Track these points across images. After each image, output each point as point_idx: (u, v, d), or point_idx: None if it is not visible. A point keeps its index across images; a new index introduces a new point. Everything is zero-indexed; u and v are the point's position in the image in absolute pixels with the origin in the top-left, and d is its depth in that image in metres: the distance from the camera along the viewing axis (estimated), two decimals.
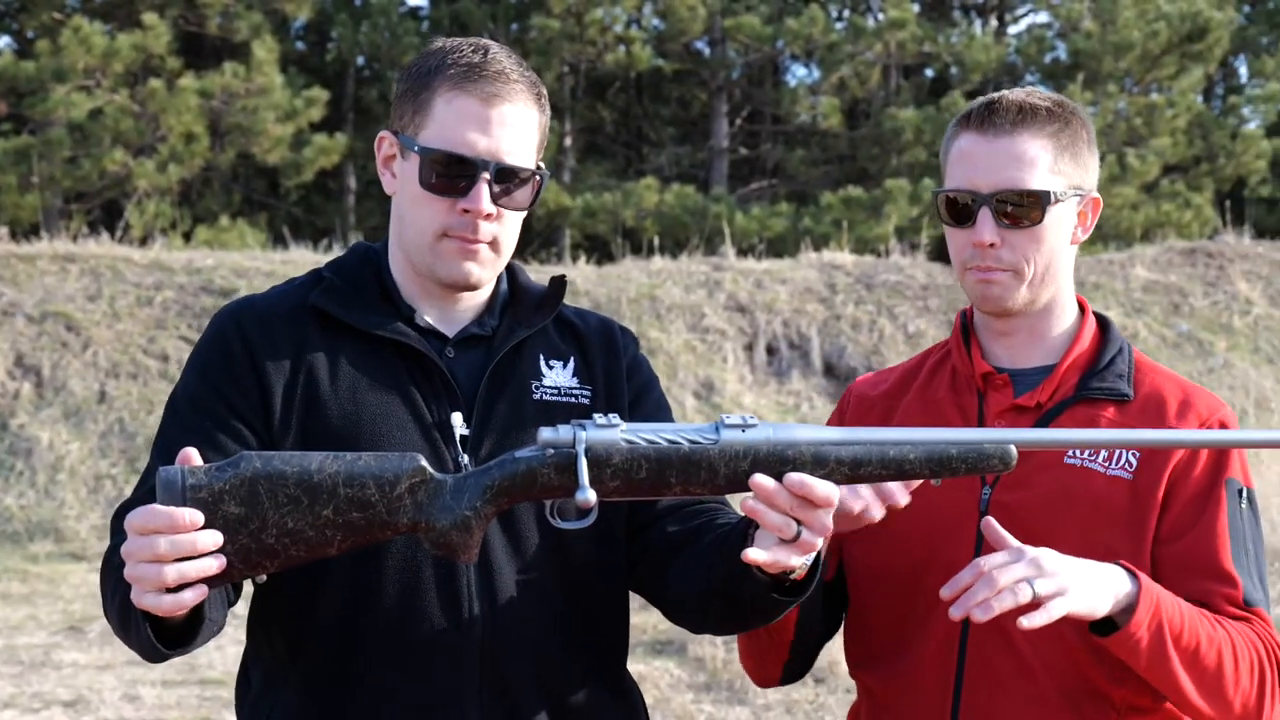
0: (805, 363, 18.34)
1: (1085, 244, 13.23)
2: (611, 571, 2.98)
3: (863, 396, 3.32)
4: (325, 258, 18.75)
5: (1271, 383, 19.12)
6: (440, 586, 2.82)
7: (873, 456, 2.63)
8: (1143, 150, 27.94)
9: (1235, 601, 2.99)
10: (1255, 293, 20.88)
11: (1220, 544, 3.00)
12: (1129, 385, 3.12)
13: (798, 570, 2.69)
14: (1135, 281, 20.69)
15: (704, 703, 9.11)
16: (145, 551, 2.42)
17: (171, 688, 9.54)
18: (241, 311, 2.92)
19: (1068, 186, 3.08)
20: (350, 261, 3.01)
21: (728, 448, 2.58)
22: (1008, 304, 3.09)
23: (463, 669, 2.82)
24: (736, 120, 31.83)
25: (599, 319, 3.14)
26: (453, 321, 2.97)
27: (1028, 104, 3.07)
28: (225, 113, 25.30)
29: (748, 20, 28.10)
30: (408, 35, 27.81)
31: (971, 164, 3.08)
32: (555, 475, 2.57)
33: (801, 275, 19.64)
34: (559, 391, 2.97)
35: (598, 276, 19.19)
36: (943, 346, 3.32)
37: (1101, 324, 3.23)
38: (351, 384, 2.86)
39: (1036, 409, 3.10)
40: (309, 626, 2.83)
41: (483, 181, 2.83)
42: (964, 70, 28.94)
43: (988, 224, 3.04)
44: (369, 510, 2.53)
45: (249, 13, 26.43)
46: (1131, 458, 3.04)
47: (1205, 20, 28.27)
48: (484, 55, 2.89)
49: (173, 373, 16.28)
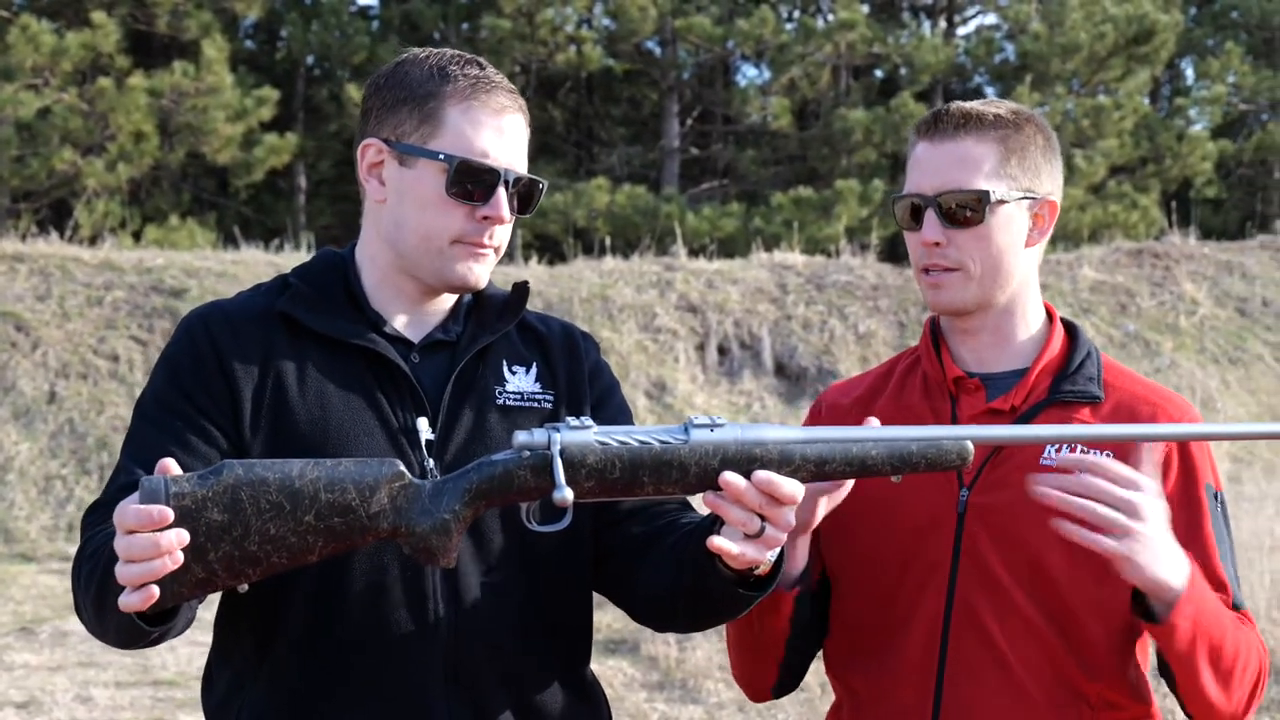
0: (756, 363, 18.41)
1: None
2: (576, 572, 3.03)
3: (835, 405, 3.36)
4: (276, 258, 18.74)
5: (1217, 382, 19.28)
6: (407, 587, 2.86)
7: (836, 454, 2.69)
8: (1090, 151, 28.13)
9: (1229, 606, 3.05)
10: (1201, 293, 21.05)
11: (1211, 551, 3.07)
12: (1100, 388, 3.17)
13: (762, 566, 2.75)
14: (1083, 282, 20.83)
15: (657, 701, 9.15)
16: (125, 550, 2.46)
17: (124, 689, 9.54)
18: (210, 316, 2.95)
19: (1015, 189, 3.13)
20: (317, 268, 3.05)
21: (698, 447, 2.64)
22: (957, 304, 3.15)
23: (429, 668, 2.86)
24: (687, 120, 31.89)
25: (561, 324, 3.19)
26: (418, 327, 3.01)
27: (974, 111, 3.15)
28: (175, 112, 25.25)
29: (698, 21, 28.19)
30: (358, 35, 27.79)
31: (920, 169, 3.17)
32: (531, 477, 2.62)
33: (753, 275, 19.71)
34: (522, 396, 3.02)
35: (549, 277, 19.22)
36: (912, 353, 3.37)
37: (1069, 329, 3.28)
38: (319, 389, 2.90)
39: (1011, 412, 3.15)
40: (277, 627, 2.86)
41: (502, 189, 2.92)
42: (913, 71, 29.08)
43: (933, 224, 3.12)
44: (350, 515, 2.56)
45: (199, 11, 26.38)
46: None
47: (1151, 23, 28.48)
48: (481, 68, 2.98)
49: (123, 372, 16.24)
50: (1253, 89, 32.24)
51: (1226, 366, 19.86)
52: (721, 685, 9.26)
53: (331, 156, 30.28)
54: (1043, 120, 3.23)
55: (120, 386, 16.11)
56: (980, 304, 3.16)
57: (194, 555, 2.49)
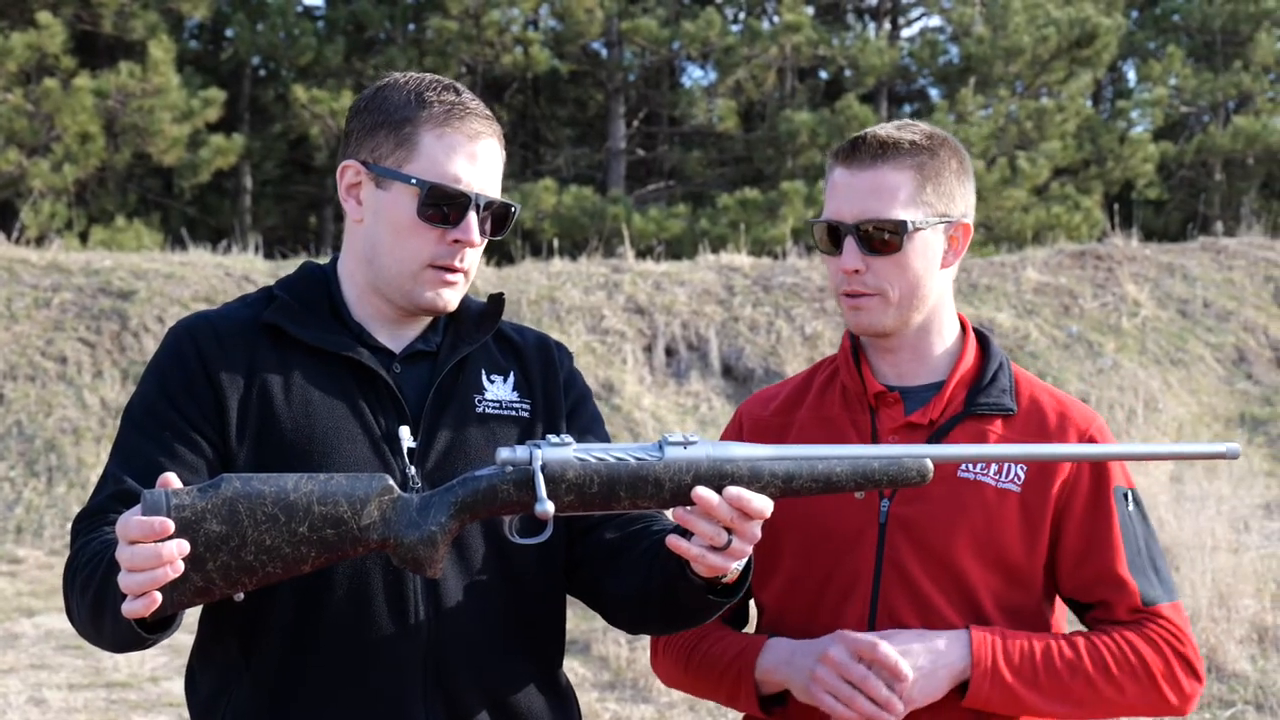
0: (704, 364, 18.49)
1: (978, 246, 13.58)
2: (551, 578, 3.13)
3: (756, 418, 3.48)
4: (224, 259, 18.72)
5: (1159, 383, 19.44)
6: (388, 592, 2.96)
7: (803, 471, 2.82)
8: (1033, 153, 28.30)
9: (1134, 606, 3.23)
10: (1143, 295, 21.22)
11: (1115, 555, 3.23)
12: (1012, 399, 3.32)
13: (730, 573, 2.85)
14: (1026, 284, 20.97)
15: (609, 701, 9.22)
16: (128, 560, 2.55)
17: (77, 690, 9.56)
18: (197, 327, 3.04)
19: (930, 215, 3.26)
20: (300, 281, 3.14)
21: (672, 463, 2.76)
22: (877, 327, 3.29)
23: (409, 671, 2.96)
24: (633, 122, 31.95)
25: (536, 335, 3.29)
26: (400, 339, 3.11)
27: (890, 139, 3.26)
28: (121, 112, 25.16)
29: (645, 23, 28.25)
30: (304, 36, 27.73)
31: (838, 196, 3.30)
32: (514, 491, 2.74)
33: (700, 277, 19.79)
34: (500, 405, 3.12)
35: (497, 278, 19.25)
36: (829, 363, 3.49)
37: (981, 341, 3.42)
38: (304, 398, 2.99)
39: (929, 426, 3.28)
40: (262, 630, 2.94)
41: (473, 213, 3.01)
42: (858, 73, 29.21)
43: (852, 251, 3.25)
44: (341, 527, 2.68)
45: (144, 12, 26.28)
46: (1020, 471, 3.24)
47: (1094, 26, 28.68)
48: (458, 94, 3.05)
49: (71, 374, 16.21)
50: (1194, 92, 32.49)
51: (1168, 367, 20.04)
52: None
53: (277, 157, 30.22)
54: (956, 143, 3.35)
55: (68, 388, 16.08)
56: (898, 325, 3.30)
57: (193, 565, 2.59)
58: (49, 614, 11.51)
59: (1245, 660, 9.41)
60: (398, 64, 27.43)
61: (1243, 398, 19.99)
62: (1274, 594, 10.71)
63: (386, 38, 29.46)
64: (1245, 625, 9.96)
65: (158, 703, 9.36)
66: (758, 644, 3.30)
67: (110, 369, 16.35)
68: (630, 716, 8.95)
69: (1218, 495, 13.47)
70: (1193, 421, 18.79)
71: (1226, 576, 10.53)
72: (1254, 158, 33.07)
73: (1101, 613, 3.25)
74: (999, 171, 27.54)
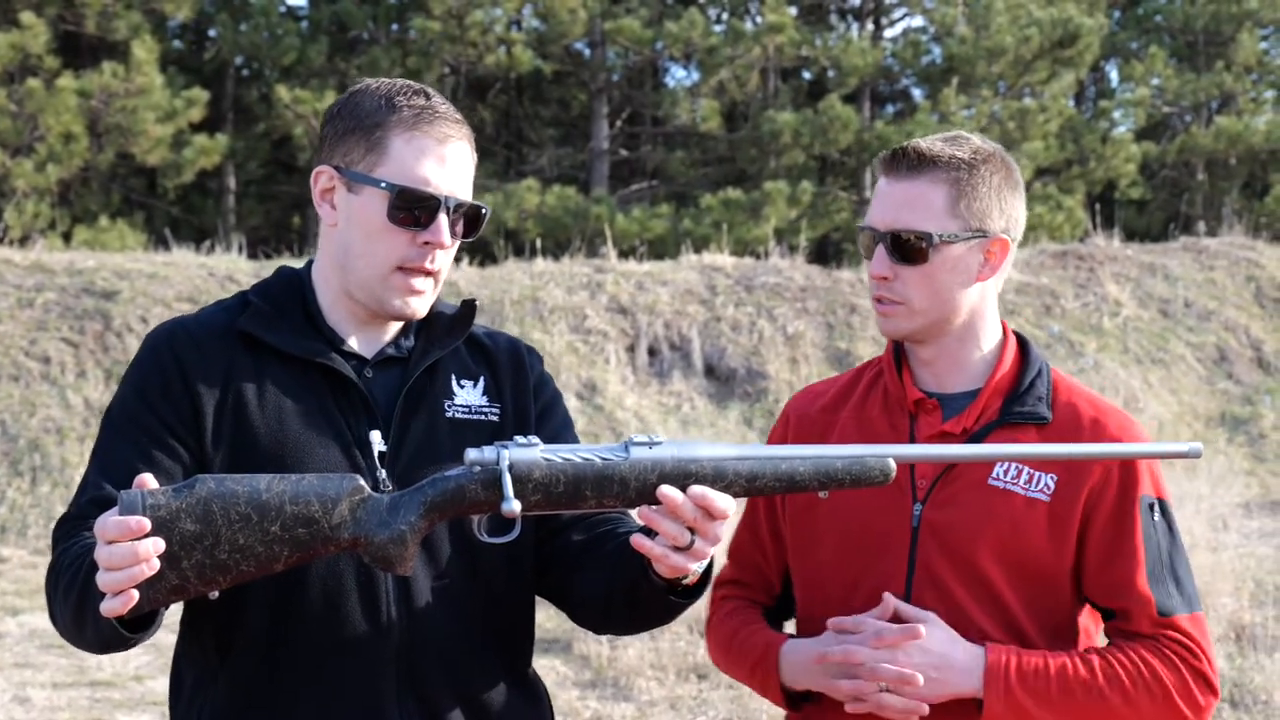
0: (686, 364, 18.53)
1: None
2: (520, 578, 3.18)
3: (803, 414, 3.53)
4: (208, 259, 18.73)
5: (1140, 383, 19.52)
6: (361, 592, 3.01)
7: (766, 470, 2.87)
8: (1015, 153, 28.31)
9: (1151, 618, 3.24)
10: (1124, 294, 21.30)
11: (1136, 566, 3.25)
12: (1048, 408, 3.34)
13: (691, 575, 2.90)
14: (1008, 283, 21.03)
15: (589, 699, 9.26)
16: (106, 559, 2.61)
17: (61, 689, 9.59)
18: (174, 332, 3.09)
19: (963, 229, 3.27)
20: (275, 287, 3.18)
21: (637, 463, 2.81)
22: (902, 333, 3.34)
23: (381, 669, 3.01)
24: (617, 122, 31.96)
25: (508, 340, 3.33)
26: (371, 344, 3.15)
27: (930, 152, 3.28)
28: (104, 112, 25.14)
29: (628, 23, 28.26)
30: (287, 36, 27.72)
31: (877, 203, 3.34)
32: (482, 490, 2.79)
33: (682, 277, 19.83)
34: (470, 409, 3.17)
35: (480, 278, 19.28)
36: (876, 364, 3.53)
37: (1022, 346, 3.44)
38: (277, 403, 3.04)
39: (963, 434, 3.32)
40: (237, 629, 2.99)
41: (443, 214, 3.05)
42: (841, 73, 29.24)
43: (881, 259, 3.30)
44: (313, 526, 2.73)
45: (128, 12, 26.26)
46: (1050, 481, 3.27)
47: (1076, 26, 28.72)
48: (428, 98, 3.09)
49: (54, 375, 16.22)
50: (1176, 92, 32.59)
51: (1149, 367, 20.12)
52: (653, 683, 9.39)
53: (261, 157, 30.21)
54: (1004, 158, 3.36)
55: (52, 389, 16.09)
56: (927, 334, 3.34)
57: (168, 563, 2.65)
58: (33, 613, 11.54)
59: (1222, 659, 9.47)
60: (381, 64, 27.44)
61: (1223, 397, 20.08)
62: (1252, 593, 10.77)
63: (370, 38, 29.47)
64: (1223, 624, 10.02)
65: (141, 701, 9.39)
66: (777, 645, 3.36)
67: (94, 369, 16.36)
68: (611, 715, 8.99)
69: (1196, 495, 13.54)
70: (1174, 421, 18.87)
71: (1205, 575, 10.58)
72: (1236, 158, 33.17)
73: (1121, 622, 3.28)
74: None
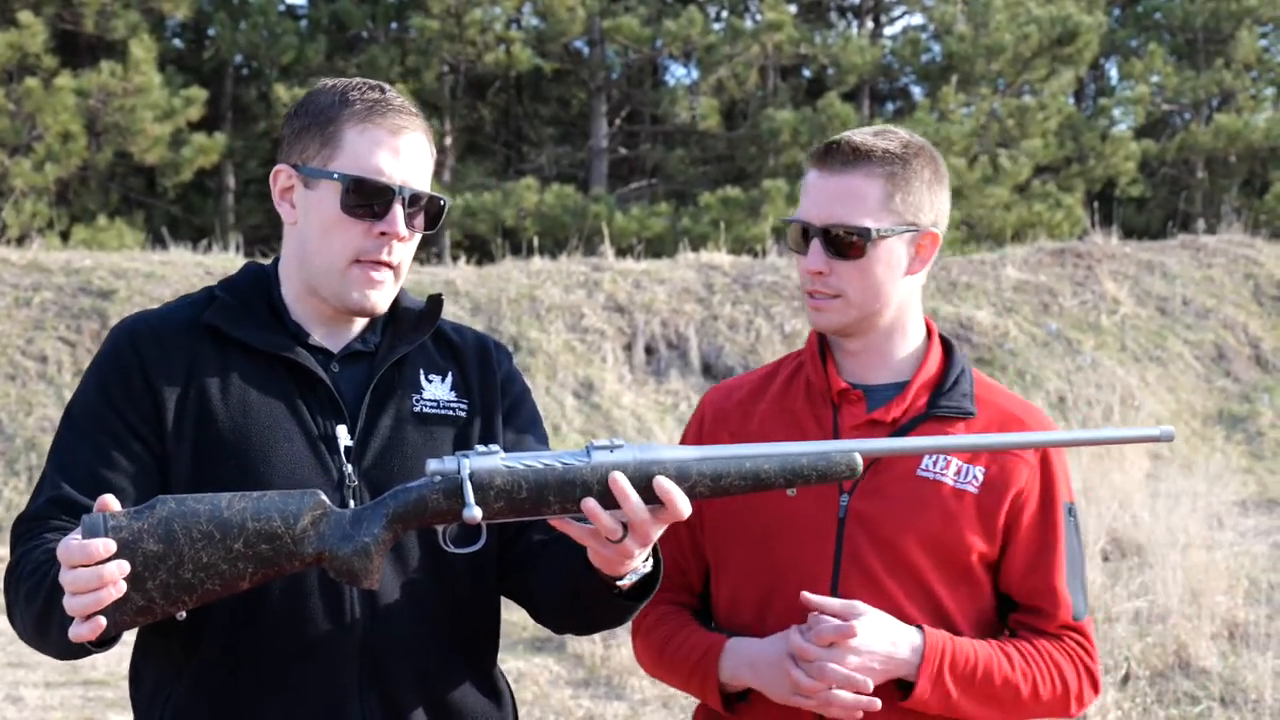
0: (684, 362, 18.52)
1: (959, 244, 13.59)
2: (483, 579, 3.18)
3: (719, 407, 3.53)
4: (205, 258, 18.72)
5: (1137, 380, 19.50)
6: (324, 591, 3.00)
7: (731, 469, 2.87)
8: (1014, 151, 28.35)
9: (1065, 621, 3.36)
10: (1122, 292, 21.28)
11: (1057, 571, 3.35)
12: (973, 404, 3.39)
13: (626, 578, 2.93)
14: (1006, 281, 21.02)
15: (582, 698, 9.25)
16: (71, 584, 2.62)
17: (54, 689, 9.58)
18: (137, 328, 3.08)
19: (897, 223, 3.32)
20: (241, 281, 3.18)
21: (599, 466, 2.80)
22: (836, 326, 3.37)
23: (345, 667, 3.00)
24: (616, 120, 31.94)
25: (475, 335, 3.33)
26: (338, 338, 3.15)
27: (863, 146, 3.32)
28: (102, 112, 25.14)
29: (626, 21, 28.26)
30: (286, 34, 27.72)
31: (810, 197, 3.36)
32: (444, 500, 2.80)
33: (680, 275, 19.81)
34: (438, 405, 3.16)
35: (478, 277, 19.26)
36: (795, 358, 3.56)
37: (946, 346, 3.49)
38: (241, 398, 3.03)
39: (891, 424, 3.35)
40: (200, 629, 2.98)
41: (398, 205, 3.04)
42: (840, 71, 29.24)
43: (817, 253, 3.32)
44: (276, 542, 2.73)
45: (126, 11, 26.26)
46: (978, 473, 3.32)
47: (1075, 24, 28.72)
48: (382, 92, 3.09)
49: (51, 374, 16.21)
50: (1175, 89, 32.57)
51: (1147, 365, 20.10)
52: (645, 682, 9.37)
53: (260, 156, 30.19)
54: (932, 151, 3.40)
55: (49, 388, 16.08)
56: (860, 327, 3.37)
57: (133, 584, 2.65)
58: None
59: (1215, 657, 9.46)
60: (380, 63, 27.45)
61: (1221, 395, 20.07)
62: (1246, 591, 10.75)
63: (369, 37, 29.46)
64: (1217, 622, 10.01)
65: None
66: (719, 645, 3.36)
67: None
68: (604, 714, 8.98)
69: (1193, 492, 13.52)
70: (1171, 419, 18.85)
71: (1199, 573, 10.57)
72: (1235, 155, 33.15)
73: (1033, 619, 3.36)
74: (980, 169, 27.60)
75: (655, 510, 2.80)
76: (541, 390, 17.24)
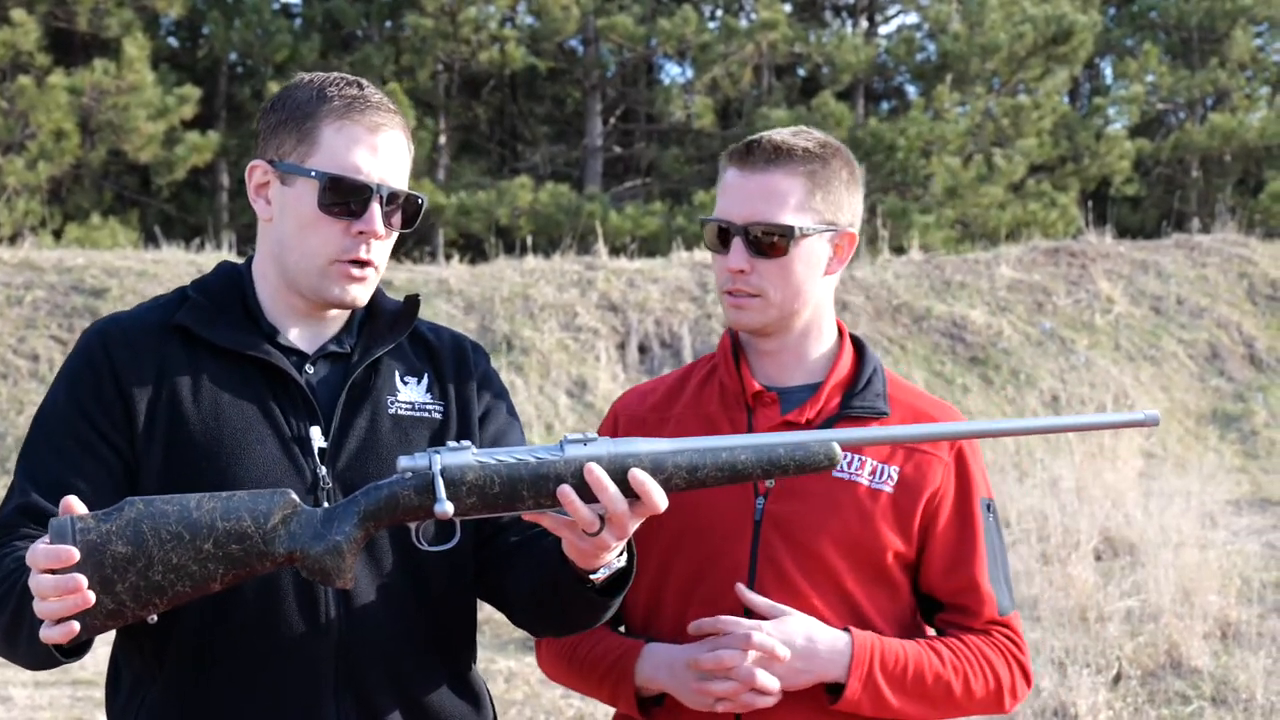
0: (677, 361, 18.47)
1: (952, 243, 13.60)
2: (459, 580, 3.14)
3: (632, 413, 3.52)
4: (197, 257, 18.71)
5: (1131, 380, 19.49)
6: (298, 592, 2.97)
7: (708, 461, 2.84)
8: (1009, 150, 28.34)
9: (991, 617, 3.37)
10: (1116, 291, 21.26)
11: (979, 567, 3.36)
12: (885, 403, 3.40)
13: (599, 573, 2.91)
14: (1000, 280, 21.01)
15: (573, 698, 9.23)
16: (39, 589, 2.60)
17: (43, 688, 9.56)
18: (107, 330, 3.04)
19: (818, 222, 3.33)
20: (215, 281, 3.15)
21: (573, 460, 2.77)
22: (756, 325, 3.36)
23: (320, 668, 2.97)
24: (610, 119, 31.93)
25: (452, 336, 3.29)
26: (313, 339, 3.11)
27: (784, 144, 3.32)
28: (96, 110, 25.10)
29: (621, 20, 28.24)
30: (280, 33, 27.68)
31: (730, 196, 3.36)
32: (415, 496, 2.76)
33: (673, 274, 19.80)
34: (413, 407, 3.12)
35: (471, 275, 19.25)
36: (707, 361, 3.55)
37: (857, 347, 3.49)
38: (213, 399, 2.99)
39: (805, 425, 3.34)
40: (173, 631, 2.95)
41: (376, 204, 3.01)
42: (835, 70, 29.22)
43: (739, 252, 3.31)
44: (246, 542, 2.70)
45: (119, 9, 26.24)
46: (893, 473, 3.33)
47: (1070, 23, 28.71)
48: (360, 89, 3.06)
49: (43, 372, 16.20)
50: (1170, 89, 32.55)
51: (1141, 364, 20.09)
52: None
53: (254, 155, 30.13)
54: (848, 153, 3.42)
55: (40, 386, 16.05)
56: (778, 327, 3.37)
57: (102, 587, 2.63)
58: None
59: (1207, 656, 9.45)
60: (373, 61, 27.42)
61: (1215, 394, 20.06)
62: (1239, 590, 10.74)
63: (363, 35, 29.41)
64: (1209, 621, 10.00)
65: None
66: (635, 649, 3.34)
67: None
68: (594, 713, 8.97)
69: (1186, 491, 13.51)
70: (1165, 418, 18.84)
71: (1191, 572, 10.57)
72: (1230, 155, 33.13)
73: (959, 617, 3.37)
74: (975, 168, 27.59)
75: (632, 504, 2.78)
76: (535, 389, 17.22)
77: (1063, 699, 8.57)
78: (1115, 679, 9.10)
